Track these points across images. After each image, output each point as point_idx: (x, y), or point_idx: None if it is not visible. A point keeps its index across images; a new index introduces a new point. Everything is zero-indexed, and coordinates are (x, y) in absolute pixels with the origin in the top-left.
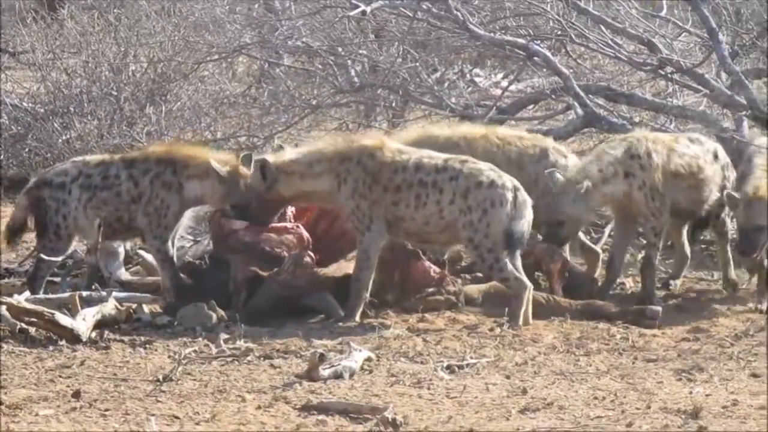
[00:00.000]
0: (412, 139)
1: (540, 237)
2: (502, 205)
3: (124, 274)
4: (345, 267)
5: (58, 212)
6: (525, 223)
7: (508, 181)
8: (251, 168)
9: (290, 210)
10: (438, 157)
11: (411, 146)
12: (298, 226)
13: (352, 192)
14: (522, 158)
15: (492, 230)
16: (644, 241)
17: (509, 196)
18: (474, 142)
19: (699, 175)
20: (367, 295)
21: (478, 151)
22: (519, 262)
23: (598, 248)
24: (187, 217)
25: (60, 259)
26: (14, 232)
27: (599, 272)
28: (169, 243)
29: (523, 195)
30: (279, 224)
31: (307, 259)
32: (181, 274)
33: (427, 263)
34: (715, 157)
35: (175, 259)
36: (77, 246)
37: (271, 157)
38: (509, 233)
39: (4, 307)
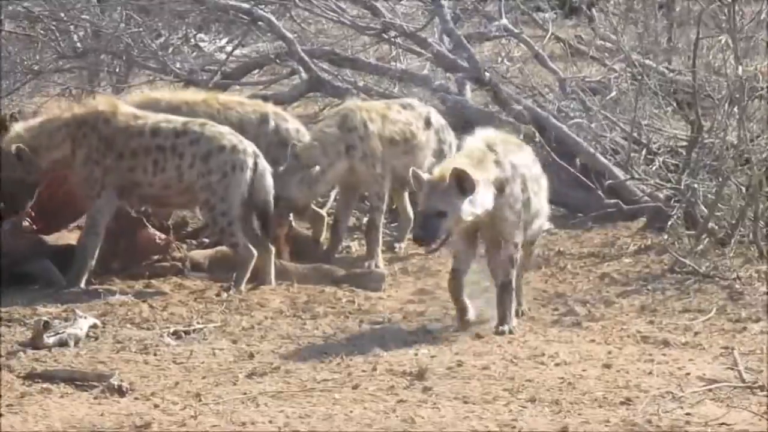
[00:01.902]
0: (133, 104)
1: None
2: (242, 170)
3: None
4: (66, 237)
5: None
6: (264, 189)
7: (249, 146)
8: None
9: None
10: (176, 121)
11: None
12: None
13: (85, 158)
14: (243, 123)
15: (229, 194)
16: (369, 205)
17: (250, 162)
18: (195, 106)
19: (413, 141)
20: (93, 263)
21: (198, 116)
22: (267, 226)
23: (323, 212)
24: None
25: None
26: None
27: (324, 236)
28: None
29: (263, 162)
30: None
31: (26, 224)
32: None
33: (152, 230)
34: (428, 122)
35: None
36: None
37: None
38: (247, 199)
39: None
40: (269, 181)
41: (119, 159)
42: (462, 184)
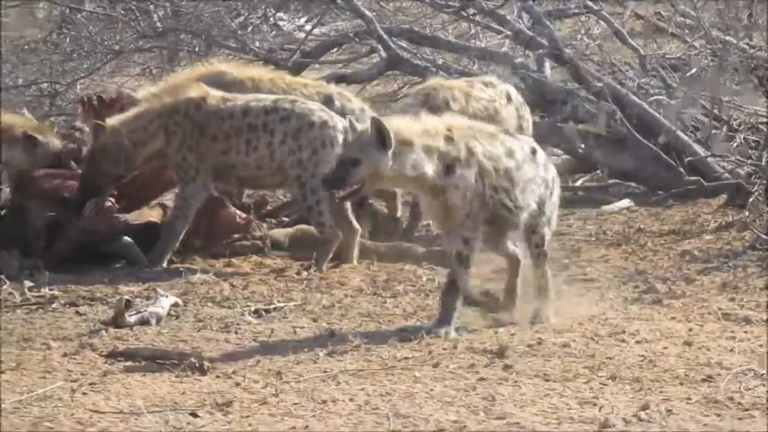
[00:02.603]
0: (199, 76)
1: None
2: (332, 146)
3: None
4: (146, 214)
5: None
6: None
7: (339, 122)
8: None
9: None
10: (266, 99)
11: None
12: None
13: (179, 145)
14: None
15: (319, 171)
16: None
17: (340, 138)
18: (261, 84)
19: (496, 118)
20: (176, 244)
21: (263, 93)
22: (346, 204)
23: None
24: None
25: None
26: None
27: (402, 213)
28: None
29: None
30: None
31: (108, 204)
32: None
33: (233, 209)
34: (509, 98)
35: None
36: None
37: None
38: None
39: None
40: None
41: (212, 142)
42: (381, 135)
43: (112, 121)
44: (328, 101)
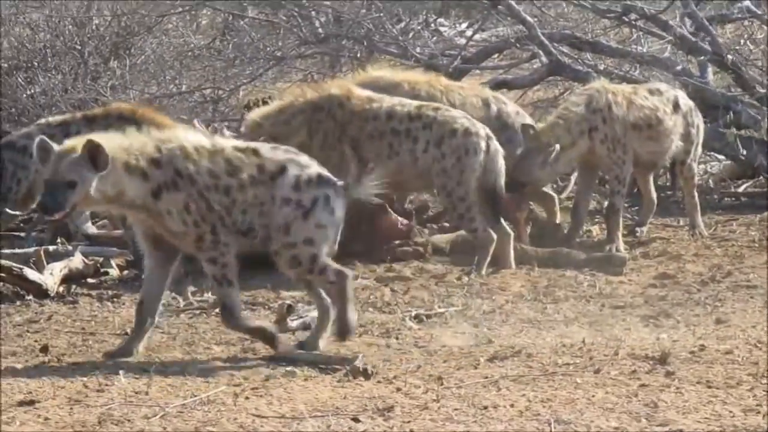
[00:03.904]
0: (358, 83)
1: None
2: (476, 153)
3: (90, 228)
4: None
5: (14, 176)
6: (495, 171)
7: (482, 129)
8: None
9: None
10: (410, 105)
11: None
12: None
13: (322, 143)
14: (465, 107)
15: (465, 178)
16: (608, 189)
17: (483, 144)
18: (417, 86)
19: (658, 128)
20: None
21: (421, 96)
22: (497, 209)
23: (552, 193)
24: None
25: (18, 213)
26: None
27: (562, 219)
28: None
29: (495, 144)
30: None
31: None
32: None
33: (394, 215)
34: (676, 106)
35: None
36: None
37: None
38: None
39: None
40: (501, 163)
41: (354, 143)
42: (95, 157)
43: (254, 115)
44: (484, 105)
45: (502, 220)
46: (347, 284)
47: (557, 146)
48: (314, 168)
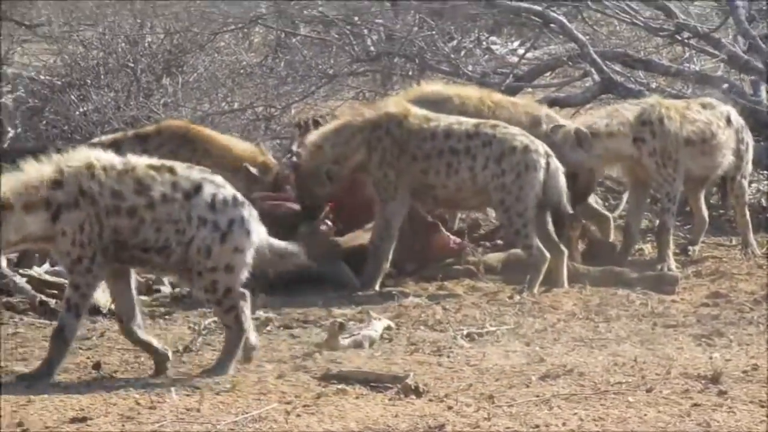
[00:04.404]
0: (408, 99)
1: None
2: (535, 170)
3: None
4: (360, 236)
5: None
6: (557, 189)
7: (541, 146)
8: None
9: None
10: (468, 123)
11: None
12: None
13: (380, 161)
14: (512, 123)
15: (524, 195)
16: (659, 207)
17: (542, 162)
18: (467, 101)
19: (711, 142)
20: (387, 265)
21: (469, 111)
22: (550, 227)
23: (607, 213)
24: None
25: None
26: None
27: (615, 237)
28: None
29: (555, 162)
30: None
31: (324, 227)
32: None
33: (446, 234)
34: (728, 121)
35: None
36: None
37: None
38: (541, 200)
39: (24, 280)
40: (562, 180)
41: (412, 161)
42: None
43: (313, 137)
44: (535, 121)
45: (556, 238)
46: (241, 339)
47: (585, 129)
48: (229, 188)
